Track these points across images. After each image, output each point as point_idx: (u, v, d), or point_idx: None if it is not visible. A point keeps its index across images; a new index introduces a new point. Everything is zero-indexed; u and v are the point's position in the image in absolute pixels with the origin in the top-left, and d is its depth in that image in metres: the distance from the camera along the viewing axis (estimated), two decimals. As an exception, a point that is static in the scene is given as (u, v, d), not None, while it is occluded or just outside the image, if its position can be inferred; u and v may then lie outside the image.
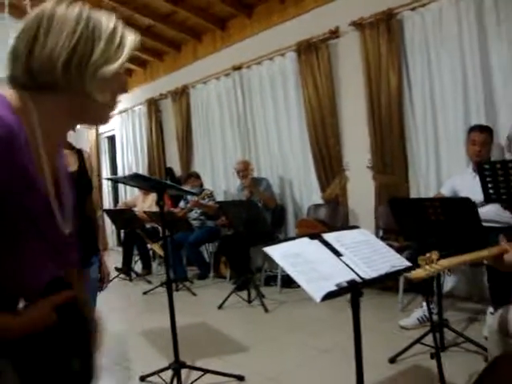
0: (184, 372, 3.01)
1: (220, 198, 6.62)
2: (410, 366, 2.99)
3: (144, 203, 6.87)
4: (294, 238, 1.86)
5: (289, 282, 5.23)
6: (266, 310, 4.50)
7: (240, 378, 3.01)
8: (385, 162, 4.80)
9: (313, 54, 5.30)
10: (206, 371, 3.01)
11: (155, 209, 5.92)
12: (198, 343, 3.76)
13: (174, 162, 7.76)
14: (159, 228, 6.36)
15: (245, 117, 6.35)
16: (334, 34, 5.14)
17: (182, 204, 6.48)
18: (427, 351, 3.06)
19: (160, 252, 6.34)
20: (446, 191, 3.92)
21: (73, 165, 2.47)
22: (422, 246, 1.98)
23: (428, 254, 1.56)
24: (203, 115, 7.04)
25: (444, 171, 4.47)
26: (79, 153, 2.56)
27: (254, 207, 4.89)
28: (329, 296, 1.54)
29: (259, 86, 6.10)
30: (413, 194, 4.65)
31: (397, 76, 4.61)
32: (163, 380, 2.95)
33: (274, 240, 1.84)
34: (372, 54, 4.76)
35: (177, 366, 2.91)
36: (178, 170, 7.61)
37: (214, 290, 5.64)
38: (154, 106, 7.95)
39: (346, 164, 5.25)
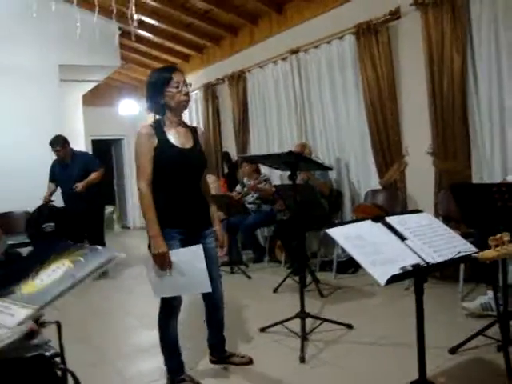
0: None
1: (276, 181, 6.60)
2: (471, 357, 2.90)
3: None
4: (355, 221, 1.84)
5: (344, 268, 5.19)
6: (322, 295, 4.48)
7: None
8: (446, 147, 4.64)
9: (372, 36, 5.15)
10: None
11: (213, 192, 5.97)
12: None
13: (230, 146, 7.80)
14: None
15: (302, 101, 6.30)
16: (395, 15, 4.98)
17: (238, 188, 6.51)
18: (489, 344, 2.95)
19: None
20: (512, 179, 3.74)
21: (188, 141, 2.78)
22: (486, 233, 1.90)
23: (499, 235, 1.50)
24: (260, 100, 7.03)
25: (510, 158, 4.27)
26: (193, 130, 2.89)
27: (310, 191, 4.85)
28: (393, 280, 1.51)
29: (317, 70, 6.02)
30: (475, 181, 4.48)
31: (461, 58, 4.41)
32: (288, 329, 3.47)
33: (331, 224, 1.81)
34: (435, 34, 4.57)
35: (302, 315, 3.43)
36: (233, 155, 7.65)
37: (269, 273, 5.66)
38: (210, 91, 8.00)
39: (406, 149, 5.12)
